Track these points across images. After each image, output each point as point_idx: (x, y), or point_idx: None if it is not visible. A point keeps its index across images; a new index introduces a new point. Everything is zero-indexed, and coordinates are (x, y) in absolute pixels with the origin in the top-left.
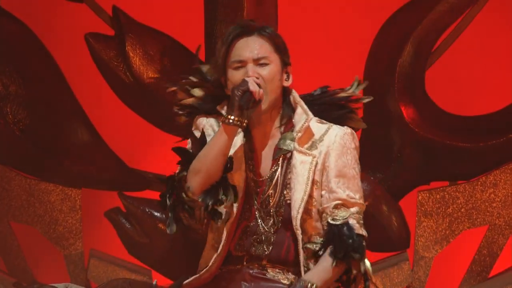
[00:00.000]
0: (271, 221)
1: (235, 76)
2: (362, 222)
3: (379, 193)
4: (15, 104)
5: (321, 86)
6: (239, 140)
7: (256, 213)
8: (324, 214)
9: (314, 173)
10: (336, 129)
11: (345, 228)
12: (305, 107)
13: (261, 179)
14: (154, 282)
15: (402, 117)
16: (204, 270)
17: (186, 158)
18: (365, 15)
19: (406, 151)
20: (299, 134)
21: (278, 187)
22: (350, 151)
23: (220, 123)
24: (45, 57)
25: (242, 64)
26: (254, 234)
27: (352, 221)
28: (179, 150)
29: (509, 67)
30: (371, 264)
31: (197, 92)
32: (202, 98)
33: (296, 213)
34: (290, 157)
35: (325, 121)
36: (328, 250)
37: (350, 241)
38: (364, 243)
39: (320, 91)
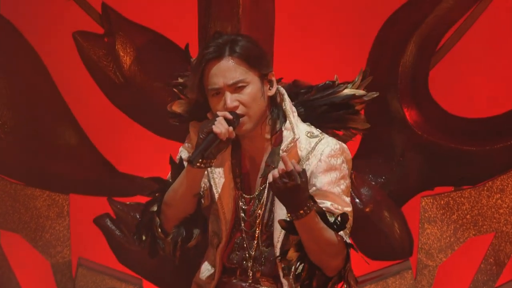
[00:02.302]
0: (262, 239)
1: (215, 105)
2: (349, 231)
3: (380, 198)
4: None
5: (325, 80)
6: (226, 156)
7: (244, 234)
8: None
9: None
10: (324, 146)
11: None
12: (294, 121)
13: (249, 197)
14: None
15: (404, 119)
16: None
17: (160, 187)
18: (366, 12)
19: (409, 155)
20: (285, 154)
21: (266, 206)
22: (336, 168)
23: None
24: (31, 56)
25: (219, 90)
26: (245, 250)
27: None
28: (154, 180)
29: None
30: (371, 273)
31: (191, 94)
32: (194, 104)
33: (277, 241)
34: None
35: (315, 132)
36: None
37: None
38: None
39: (322, 87)
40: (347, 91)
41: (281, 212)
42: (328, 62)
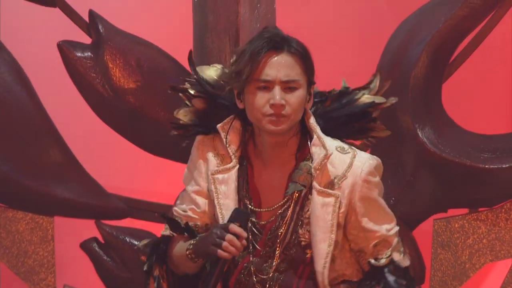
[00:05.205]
0: (277, 261)
1: (258, 98)
2: (402, 249)
3: None
4: None
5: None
6: (232, 175)
7: (250, 254)
8: (362, 254)
9: (338, 216)
10: (361, 162)
11: (391, 268)
12: (322, 138)
13: (265, 210)
14: None
15: (416, 136)
16: None
17: (175, 227)
18: (375, 19)
19: (420, 174)
20: (317, 172)
21: (290, 226)
22: (375, 184)
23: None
24: (13, 67)
25: (268, 84)
26: (256, 274)
27: (396, 256)
28: (167, 219)
29: None
30: None
31: (198, 103)
32: (201, 112)
33: (322, 268)
34: (306, 193)
35: (346, 147)
36: None
37: (404, 282)
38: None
39: (337, 96)
40: (365, 99)
41: (321, 235)
42: (333, 75)
